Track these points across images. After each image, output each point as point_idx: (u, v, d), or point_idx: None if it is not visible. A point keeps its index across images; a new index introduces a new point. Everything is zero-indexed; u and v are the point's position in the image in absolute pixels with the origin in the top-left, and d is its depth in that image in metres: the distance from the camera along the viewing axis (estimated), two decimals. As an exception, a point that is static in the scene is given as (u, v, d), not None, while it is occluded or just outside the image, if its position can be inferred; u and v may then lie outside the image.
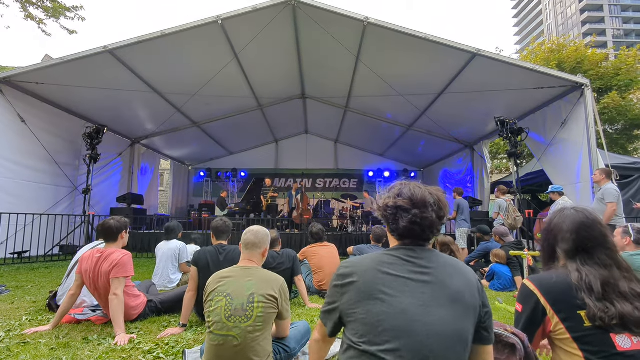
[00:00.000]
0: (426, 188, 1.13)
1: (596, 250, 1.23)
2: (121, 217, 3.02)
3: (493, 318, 1.11)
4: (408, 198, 1.09)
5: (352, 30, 6.28)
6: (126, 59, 6.57)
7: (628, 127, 14.26)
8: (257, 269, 1.96)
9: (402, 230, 1.09)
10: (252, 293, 1.79)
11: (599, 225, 1.27)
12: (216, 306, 1.78)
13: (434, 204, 1.08)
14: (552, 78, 6.14)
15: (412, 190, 1.11)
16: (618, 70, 14.13)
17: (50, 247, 6.65)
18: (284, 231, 8.82)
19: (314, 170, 14.04)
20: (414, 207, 1.07)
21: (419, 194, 1.09)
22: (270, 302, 1.80)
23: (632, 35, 60.72)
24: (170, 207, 12.83)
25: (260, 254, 2.04)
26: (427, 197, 1.09)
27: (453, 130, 9.47)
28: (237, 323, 1.72)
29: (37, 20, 9.03)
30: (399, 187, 1.15)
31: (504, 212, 6.17)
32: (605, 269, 1.19)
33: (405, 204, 1.08)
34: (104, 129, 7.38)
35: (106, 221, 2.93)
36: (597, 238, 1.25)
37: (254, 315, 1.74)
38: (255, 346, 1.72)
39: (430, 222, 1.07)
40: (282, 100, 10.15)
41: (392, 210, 1.11)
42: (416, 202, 1.08)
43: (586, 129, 5.88)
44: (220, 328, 1.72)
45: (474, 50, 6.01)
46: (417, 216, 1.06)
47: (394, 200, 1.11)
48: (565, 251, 1.28)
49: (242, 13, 5.97)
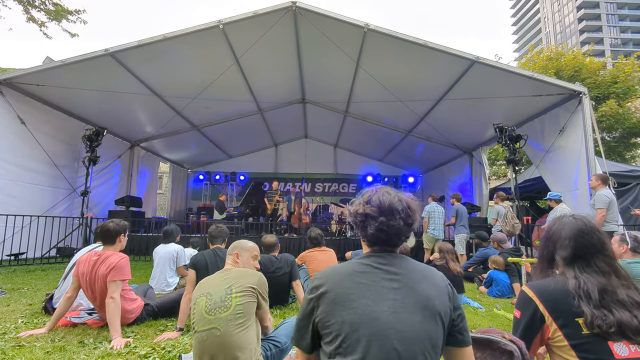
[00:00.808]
0: (396, 194, 1.14)
1: (594, 257, 1.24)
2: (120, 220, 3.01)
3: (491, 325, 1.11)
4: (376, 206, 1.10)
5: (353, 36, 6.33)
6: (127, 62, 6.59)
7: (626, 135, 14.34)
8: (232, 269, 2.06)
9: (370, 237, 1.11)
10: (229, 286, 1.86)
11: (597, 233, 1.28)
12: (197, 307, 1.83)
13: (402, 211, 1.09)
14: (550, 86, 6.19)
15: (380, 197, 1.12)
16: (615, 78, 14.25)
17: (47, 249, 6.62)
18: (282, 235, 8.80)
19: (313, 174, 14.05)
20: (381, 215, 1.08)
21: (386, 202, 1.10)
22: (248, 292, 1.86)
23: (630, 44, 61.33)
24: (168, 210, 12.80)
25: (233, 259, 2.18)
26: (395, 204, 1.10)
27: (452, 136, 9.51)
28: (217, 314, 1.76)
29: (39, 22, 9.06)
30: (368, 193, 1.16)
31: (502, 218, 6.18)
32: (603, 276, 1.20)
33: (372, 211, 1.10)
34: (103, 131, 7.38)
35: (105, 224, 2.92)
36: (595, 245, 1.25)
37: (232, 304, 1.79)
38: (238, 338, 1.74)
39: (398, 230, 1.09)
40: (282, 104, 10.19)
41: (361, 217, 1.12)
42: (383, 209, 1.09)
43: (584, 136, 5.92)
44: (202, 324, 1.76)
45: (472, 58, 6.06)
46: (384, 224, 1.08)
47: (363, 207, 1.13)
48: (563, 258, 1.29)
49: (243, 18, 6.01)
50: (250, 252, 2.25)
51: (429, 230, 6.80)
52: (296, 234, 8.77)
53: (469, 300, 4.32)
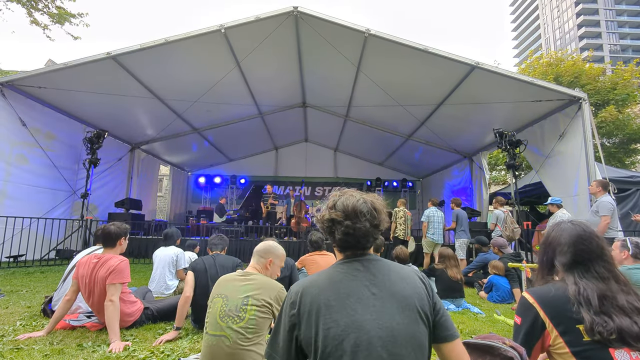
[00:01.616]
0: (361, 196, 1.13)
1: (593, 263, 1.24)
2: (122, 223, 3.01)
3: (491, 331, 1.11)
4: (341, 210, 1.09)
5: (353, 41, 6.36)
6: (129, 65, 6.63)
7: (625, 140, 14.37)
8: (258, 274, 2.00)
9: (339, 242, 1.11)
10: (247, 296, 1.83)
11: (596, 238, 1.28)
12: (214, 307, 1.82)
13: (367, 213, 1.09)
14: (549, 91, 6.21)
15: (345, 201, 1.11)
16: (615, 84, 14.31)
17: (46, 251, 6.61)
18: (282, 239, 8.78)
19: (314, 178, 14.05)
20: (346, 219, 1.08)
21: (350, 205, 1.09)
22: (263, 308, 1.83)
23: (629, 51, 61.65)
24: (168, 212, 12.78)
25: (264, 264, 2.07)
26: (359, 206, 1.09)
27: (452, 140, 9.53)
28: (229, 323, 1.75)
29: (42, 25, 9.13)
30: (333, 198, 1.16)
31: (502, 223, 6.17)
32: (602, 282, 1.19)
33: (337, 216, 1.09)
34: (104, 133, 7.39)
35: (106, 226, 2.92)
36: (594, 251, 1.25)
37: (246, 317, 1.77)
38: (246, 352, 1.72)
39: (364, 232, 1.08)
40: (283, 108, 10.22)
41: (328, 223, 1.11)
42: (348, 213, 1.08)
43: (584, 142, 5.92)
44: (214, 328, 1.75)
45: (472, 63, 6.09)
46: (350, 227, 1.07)
47: (328, 213, 1.12)
48: (563, 264, 1.28)
49: (245, 22, 6.05)
50: (281, 261, 2.16)
51: (429, 234, 6.79)
52: (296, 238, 8.76)
53: (469, 306, 4.31)
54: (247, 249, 7.91)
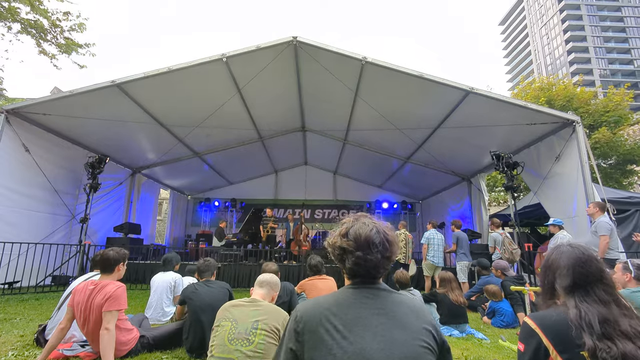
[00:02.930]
0: (374, 225, 1.12)
1: (593, 286, 1.23)
2: (121, 249, 2.98)
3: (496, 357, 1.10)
4: (353, 239, 1.08)
5: (351, 68, 6.57)
6: (132, 92, 6.79)
7: (621, 161, 14.52)
8: (264, 302, 2.04)
9: (349, 271, 1.11)
10: (257, 320, 1.86)
11: (595, 261, 1.27)
12: (221, 330, 1.83)
13: (379, 244, 1.08)
14: (543, 114, 6.33)
15: (358, 230, 1.10)
16: (606, 107, 14.66)
17: (42, 278, 6.50)
18: (282, 263, 8.66)
19: (313, 201, 14.06)
20: (357, 249, 1.07)
21: (363, 235, 1.08)
22: (273, 333, 1.84)
23: (619, 75, 63.55)
24: (167, 236, 12.68)
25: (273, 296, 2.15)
26: (372, 237, 1.08)
27: (450, 163, 9.63)
28: (238, 346, 1.75)
29: (50, 55, 9.45)
30: (346, 225, 1.15)
31: (500, 246, 6.13)
32: (603, 305, 1.18)
33: (349, 245, 1.08)
34: (106, 158, 7.47)
35: (105, 252, 2.89)
36: (593, 274, 1.25)
37: (255, 341, 1.78)
38: None
39: (375, 264, 1.07)
40: (283, 132, 10.39)
41: (339, 250, 1.11)
42: (360, 243, 1.07)
43: (580, 163, 5.97)
44: (221, 351, 1.74)
45: (467, 88, 6.26)
46: (361, 258, 1.06)
47: (340, 240, 1.11)
48: (563, 288, 1.28)
49: (246, 52, 6.26)
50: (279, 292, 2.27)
51: (429, 257, 6.73)
52: (295, 262, 8.65)
53: (473, 331, 4.21)
54: (245, 273, 7.79)
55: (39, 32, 9.22)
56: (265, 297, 2.10)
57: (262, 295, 2.11)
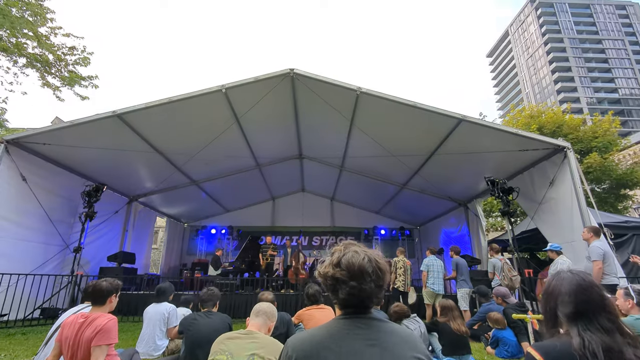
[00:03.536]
0: (366, 254, 1.11)
1: (596, 314, 1.21)
2: (114, 279, 2.90)
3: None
4: (346, 268, 1.07)
5: (346, 98, 6.78)
6: (132, 122, 6.90)
7: (614, 186, 14.70)
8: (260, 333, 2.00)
9: (342, 301, 1.09)
10: (253, 353, 1.81)
11: (596, 288, 1.26)
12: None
13: (372, 273, 1.07)
14: (534, 141, 6.47)
15: (350, 259, 1.08)
16: (595, 133, 15.06)
17: (31, 310, 6.28)
18: (279, 291, 8.46)
19: (311, 227, 13.96)
20: (351, 279, 1.05)
21: (356, 264, 1.07)
22: None
23: (605, 103, 65.81)
24: (162, 265, 12.42)
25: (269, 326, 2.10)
26: (365, 266, 1.07)
27: (446, 188, 9.71)
28: None
29: (53, 87, 9.69)
30: (337, 254, 1.13)
31: (500, 272, 6.06)
32: (606, 334, 1.16)
33: (342, 275, 1.07)
34: (103, 187, 7.47)
35: (98, 282, 2.81)
36: (595, 301, 1.23)
37: None
38: None
39: (369, 294, 1.06)
40: (280, 160, 10.52)
41: (331, 280, 1.09)
42: (354, 273, 1.06)
43: (574, 188, 6.04)
44: None
45: (459, 116, 6.45)
46: (355, 288, 1.05)
47: (332, 270, 1.10)
48: (565, 315, 1.26)
49: (244, 83, 6.47)
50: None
51: (429, 284, 6.62)
52: (293, 290, 8.45)
53: (477, 362, 4.07)
54: (242, 303, 7.57)
55: (44, 65, 9.51)
56: (261, 327, 2.06)
57: (258, 325, 2.06)
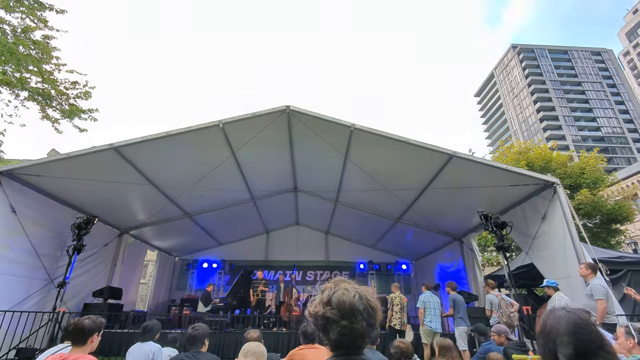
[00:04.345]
0: (356, 291, 1.08)
1: (597, 355, 1.18)
2: (97, 317, 2.74)
3: None
4: (336, 307, 1.04)
5: (341, 134, 6.97)
6: (129, 155, 6.93)
7: (605, 221, 14.87)
8: None
9: (334, 342, 1.05)
10: None
11: (593, 327, 1.25)
12: None
13: (364, 311, 1.04)
14: (524, 177, 6.61)
15: (341, 297, 1.05)
16: (582, 169, 15.50)
17: (5, 351, 5.91)
18: (271, 330, 8.11)
19: (305, 262, 13.69)
20: (342, 318, 1.02)
21: (347, 301, 1.04)
22: None
23: (589, 140, 68.29)
24: (149, 301, 11.91)
25: None
26: (356, 304, 1.04)
27: (440, 223, 9.73)
28: None
29: (53, 120, 9.81)
30: (328, 292, 1.10)
31: (497, 309, 5.94)
32: None
33: (333, 314, 1.03)
34: (94, 219, 7.33)
35: (80, 320, 2.66)
36: (594, 341, 1.21)
37: None
38: None
39: (361, 333, 1.03)
40: (275, 193, 10.55)
41: (322, 320, 1.06)
42: (344, 312, 1.03)
43: (565, 223, 6.11)
44: None
45: (450, 152, 6.64)
46: (347, 327, 1.02)
47: (323, 309, 1.06)
48: (565, 356, 1.23)
49: (242, 118, 6.65)
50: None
51: (426, 322, 6.43)
52: (285, 328, 8.11)
53: (478, 407, 3.87)
54: (231, 343, 7.22)
55: (45, 99, 9.71)
56: None
57: None
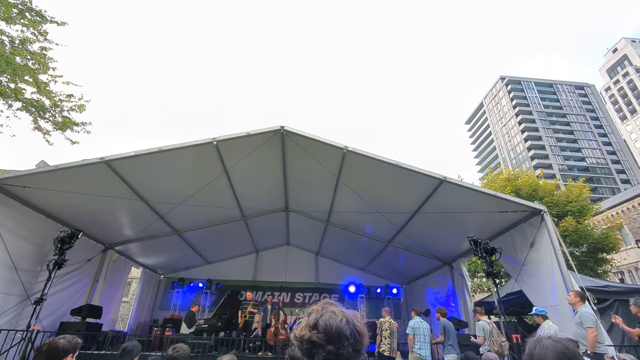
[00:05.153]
0: (344, 315, 1.06)
1: None
2: (73, 337, 2.59)
3: None
4: (323, 331, 1.02)
5: (334, 155, 7.05)
6: (120, 169, 6.82)
7: (592, 250, 15.08)
8: None
9: None
10: None
11: (580, 357, 1.26)
12: None
13: (350, 336, 1.02)
14: (512, 203, 6.72)
15: (327, 321, 1.03)
16: (568, 198, 15.87)
17: (-28, 372, 5.56)
18: (256, 354, 7.83)
19: (294, 283, 13.43)
20: (328, 343, 1.00)
21: (334, 326, 1.02)
22: None
23: (575, 170, 70.29)
24: (131, 321, 11.43)
25: None
26: (343, 328, 1.02)
27: (431, 247, 9.74)
28: None
29: (44, 131, 9.71)
30: (314, 315, 1.08)
31: (488, 336, 5.89)
32: None
33: (319, 338, 1.01)
34: (78, 233, 7.13)
35: (54, 340, 2.49)
36: None
37: None
38: None
39: (347, 359, 1.01)
40: (266, 212, 10.48)
41: (307, 344, 1.03)
42: (331, 336, 1.01)
43: (553, 251, 6.16)
44: None
45: (441, 177, 6.74)
46: (332, 353, 0.99)
47: (309, 333, 1.04)
48: None
49: (236, 137, 6.69)
50: None
51: (415, 349, 6.30)
52: (271, 352, 7.84)
53: None
54: (214, 369, 6.93)
55: (38, 110, 9.65)
56: None
57: None
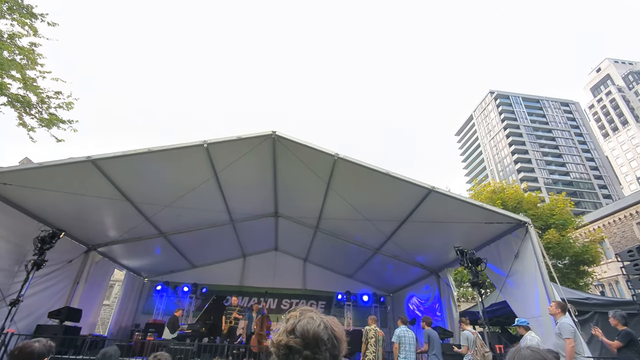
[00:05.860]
0: (322, 320, 1.06)
1: None
2: (47, 340, 2.52)
3: None
4: (300, 336, 1.01)
5: (324, 162, 7.07)
6: (106, 169, 6.68)
7: (574, 262, 15.43)
8: None
9: None
10: None
11: None
12: None
13: (327, 341, 1.02)
14: (498, 215, 6.85)
15: (305, 325, 1.03)
16: (552, 210, 16.25)
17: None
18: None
19: (281, 289, 13.31)
20: (305, 348, 1.00)
21: (311, 331, 1.02)
22: None
23: (559, 184, 72.13)
24: (112, 325, 11.10)
25: None
26: (321, 333, 1.02)
27: (418, 255, 9.81)
28: None
29: (29, 127, 9.50)
30: (292, 320, 1.08)
31: (472, 346, 5.93)
32: None
33: (296, 343, 1.00)
34: (60, 233, 6.93)
35: (28, 344, 2.38)
36: None
37: None
38: None
39: None
40: (255, 217, 10.42)
41: (284, 350, 1.02)
42: (308, 341, 1.00)
43: (537, 262, 6.27)
44: None
45: (429, 187, 6.82)
46: (309, 358, 0.99)
47: (286, 338, 1.03)
48: None
49: (227, 140, 6.64)
50: None
51: (400, 358, 6.30)
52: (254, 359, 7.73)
53: None
54: (196, 376, 6.78)
55: (24, 106, 9.44)
56: None
57: None
